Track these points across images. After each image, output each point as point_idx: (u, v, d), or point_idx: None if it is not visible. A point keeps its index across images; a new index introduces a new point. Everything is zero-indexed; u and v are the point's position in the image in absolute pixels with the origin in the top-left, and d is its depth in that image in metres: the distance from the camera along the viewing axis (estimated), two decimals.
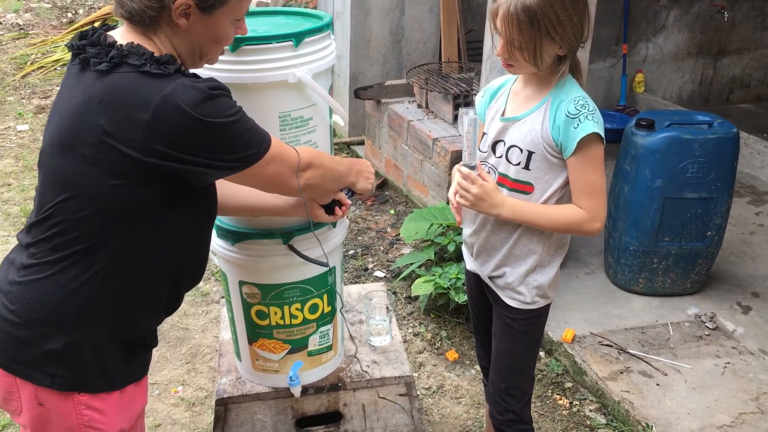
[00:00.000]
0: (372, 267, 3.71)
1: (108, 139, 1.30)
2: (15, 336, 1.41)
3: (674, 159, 2.99)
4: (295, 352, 2.01)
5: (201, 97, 1.31)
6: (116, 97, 1.31)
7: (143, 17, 1.36)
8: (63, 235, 1.37)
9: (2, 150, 5.09)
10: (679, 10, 5.46)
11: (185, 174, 1.36)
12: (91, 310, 1.40)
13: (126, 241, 1.39)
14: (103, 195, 1.34)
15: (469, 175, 1.73)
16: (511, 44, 1.66)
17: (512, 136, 1.78)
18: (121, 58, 1.33)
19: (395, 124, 4.38)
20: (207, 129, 1.33)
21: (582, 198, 1.74)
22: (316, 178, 1.60)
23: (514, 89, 1.84)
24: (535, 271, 1.86)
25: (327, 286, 1.99)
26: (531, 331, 1.95)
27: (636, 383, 2.74)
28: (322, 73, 1.76)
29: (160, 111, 1.29)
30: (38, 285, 1.40)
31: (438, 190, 3.94)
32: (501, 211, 1.75)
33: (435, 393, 2.82)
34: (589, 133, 1.66)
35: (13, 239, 3.88)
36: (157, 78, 1.31)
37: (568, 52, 1.69)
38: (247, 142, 1.41)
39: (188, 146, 1.33)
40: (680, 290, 3.28)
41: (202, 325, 3.24)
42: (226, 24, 1.44)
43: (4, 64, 6.76)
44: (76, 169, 1.34)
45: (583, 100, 1.69)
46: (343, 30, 4.92)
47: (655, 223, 3.11)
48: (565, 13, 1.62)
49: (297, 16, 1.91)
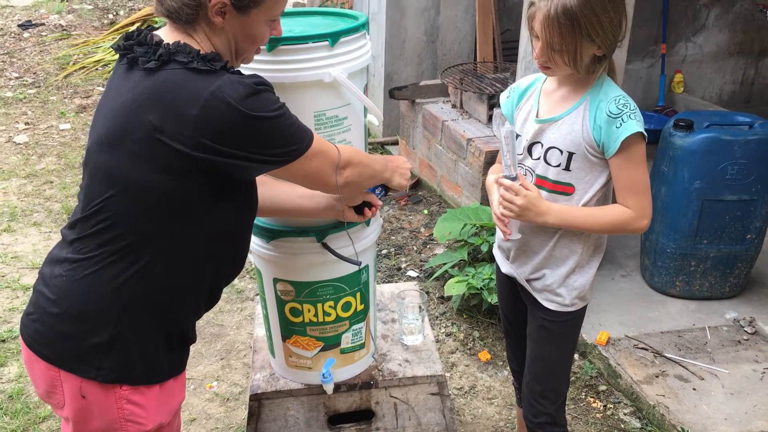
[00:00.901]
0: (405, 266, 3.71)
1: (157, 134, 1.33)
2: (60, 330, 1.44)
3: (713, 160, 2.94)
4: (328, 350, 2.03)
5: (247, 92, 1.34)
6: (165, 93, 1.34)
7: (181, 15, 1.39)
8: (110, 231, 1.39)
9: (45, 148, 5.22)
10: (720, 9, 5.36)
11: (232, 168, 1.38)
12: (136, 303, 1.43)
13: (172, 235, 1.41)
14: (151, 190, 1.37)
15: (512, 187, 1.71)
16: (551, 47, 1.65)
17: (550, 137, 1.77)
18: (169, 55, 1.36)
19: (429, 124, 4.38)
20: (253, 123, 1.35)
21: (627, 196, 1.72)
22: (355, 175, 1.61)
23: (545, 89, 1.82)
24: (575, 272, 1.85)
25: (360, 284, 2.00)
26: (568, 334, 1.94)
27: (672, 387, 2.70)
28: (358, 72, 1.77)
29: (208, 106, 1.32)
30: (84, 280, 1.42)
31: (472, 190, 3.93)
32: (547, 218, 1.74)
33: (467, 393, 2.81)
34: (632, 133, 1.64)
35: (55, 235, 3.97)
36: (204, 74, 1.34)
37: (606, 52, 1.68)
38: (291, 137, 1.43)
39: (235, 140, 1.35)
40: (718, 294, 3.23)
41: (236, 322, 3.28)
42: (261, 24, 1.46)
43: (48, 64, 6.92)
44: (125, 164, 1.37)
45: (624, 99, 1.68)
46: (378, 30, 4.94)
47: (693, 225, 3.06)
48: (605, 14, 1.61)
49: (333, 17, 1.92)
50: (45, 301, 1.46)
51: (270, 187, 1.75)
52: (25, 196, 4.47)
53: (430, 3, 4.87)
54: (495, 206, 1.80)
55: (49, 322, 1.45)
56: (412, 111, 4.61)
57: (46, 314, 1.45)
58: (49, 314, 1.45)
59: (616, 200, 1.77)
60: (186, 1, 1.37)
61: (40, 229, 4.07)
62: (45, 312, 1.46)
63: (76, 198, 4.51)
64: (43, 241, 3.94)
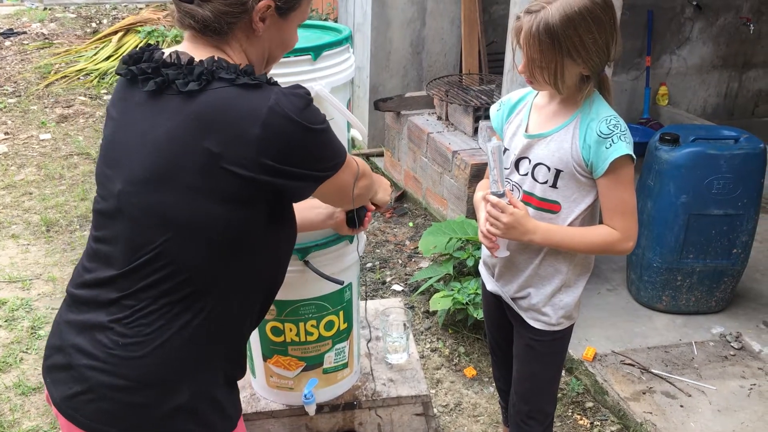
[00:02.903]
0: (390, 281, 3.67)
1: (217, 161, 1.21)
2: (130, 402, 1.27)
3: (699, 175, 2.93)
4: (310, 370, 1.98)
5: (302, 103, 1.25)
6: (218, 115, 1.21)
7: (220, 25, 1.26)
8: (171, 279, 1.25)
9: (24, 159, 5.14)
10: (704, 22, 5.39)
11: (291, 188, 1.30)
12: (207, 352, 1.32)
13: (232, 270, 1.30)
14: (213, 225, 1.24)
15: (499, 204, 1.69)
16: (533, 63, 1.63)
17: (538, 153, 1.74)
18: (211, 74, 1.23)
19: (415, 136, 4.36)
20: (313, 137, 1.27)
21: (614, 217, 1.71)
22: (365, 187, 1.55)
23: (536, 103, 1.80)
24: (560, 291, 1.82)
25: (343, 302, 1.96)
26: (555, 353, 1.91)
27: (659, 404, 2.68)
28: (341, 87, 1.74)
29: (269, 123, 1.21)
30: (150, 340, 1.26)
31: (457, 203, 3.90)
32: (533, 237, 1.71)
33: (452, 411, 2.77)
34: (622, 155, 1.63)
35: (33, 248, 3.90)
36: (255, 90, 1.23)
37: (591, 72, 1.66)
38: (337, 149, 1.36)
39: (298, 157, 1.26)
40: (705, 308, 3.21)
41: None
42: (294, 28, 1.39)
43: (29, 73, 6.84)
44: (181, 201, 1.23)
45: (615, 119, 1.66)
46: (364, 42, 4.92)
47: (680, 239, 3.04)
48: (589, 35, 1.59)
49: (316, 30, 1.89)
50: (101, 375, 1.27)
51: None
52: (3, 208, 4.39)
53: (415, 14, 4.86)
54: (481, 223, 1.77)
55: (115, 398, 1.27)
56: (398, 123, 4.58)
57: (109, 389, 1.27)
58: (113, 388, 1.27)
59: (602, 220, 1.75)
60: (228, 9, 1.25)
61: (18, 242, 3.99)
62: (106, 387, 1.27)
63: (55, 210, 4.44)
64: (21, 254, 3.86)
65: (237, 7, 1.26)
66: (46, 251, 3.89)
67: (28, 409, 2.76)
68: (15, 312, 3.34)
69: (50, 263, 3.76)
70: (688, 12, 5.34)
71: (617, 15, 1.66)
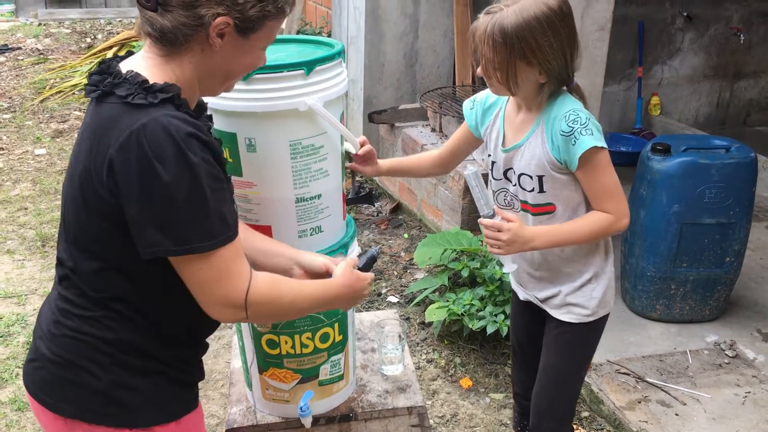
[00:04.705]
0: (385, 292, 3.68)
1: (90, 174, 1.25)
2: (61, 376, 1.37)
3: (691, 184, 2.96)
4: (305, 382, 1.99)
5: (168, 138, 1.19)
6: (99, 129, 1.24)
7: (176, 36, 1.26)
8: (75, 279, 1.35)
9: (20, 174, 5.14)
10: (695, 32, 5.44)
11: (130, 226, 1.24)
12: (120, 347, 1.35)
13: (124, 277, 1.33)
14: (90, 235, 1.30)
15: (493, 225, 1.73)
16: (488, 64, 1.68)
17: (518, 164, 1.80)
18: (112, 87, 1.25)
19: (409, 147, 4.38)
20: (157, 182, 1.18)
21: (602, 202, 1.75)
22: (263, 315, 1.41)
23: (508, 114, 1.86)
24: (591, 282, 1.88)
25: (338, 314, 1.96)
26: (585, 344, 1.98)
27: (654, 413, 2.68)
28: (334, 101, 1.75)
29: (124, 146, 1.19)
30: (67, 324, 1.36)
31: (452, 214, 3.92)
32: (534, 244, 1.76)
33: (449, 422, 2.77)
34: (587, 149, 1.66)
35: (29, 263, 3.90)
36: (137, 109, 1.22)
37: (549, 79, 1.69)
38: (193, 220, 1.21)
39: (134, 196, 1.20)
40: (699, 317, 3.23)
41: (214, 351, 3.22)
42: (258, 49, 1.37)
43: (24, 88, 6.85)
44: (71, 206, 1.31)
45: (574, 113, 1.69)
46: (357, 54, 4.94)
47: (673, 248, 3.06)
48: (544, 39, 1.63)
49: (309, 44, 1.90)
50: (42, 345, 1.39)
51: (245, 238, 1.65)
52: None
53: (408, 27, 4.89)
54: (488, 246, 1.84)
55: (51, 369, 1.38)
56: (392, 135, 4.60)
57: (46, 360, 1.38)
58: (49, 360, 1.37)
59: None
60: (185, 21, 1.24)
61: (13, 257, 3.99)
62: (45, 358, 1.38)
63: (50, 225, 4.45)
64: (16, 269, 3.86)
65: (194, 20, 1.25)
66: (41, 266, 3.89)
67: (24, 425, 2.75)
68: (10, 327, 3.34)
69: (46, 278, 3.76)
70: (679, 23, 5.38)
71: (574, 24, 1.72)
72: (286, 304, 1.40)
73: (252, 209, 1.79)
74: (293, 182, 1.74)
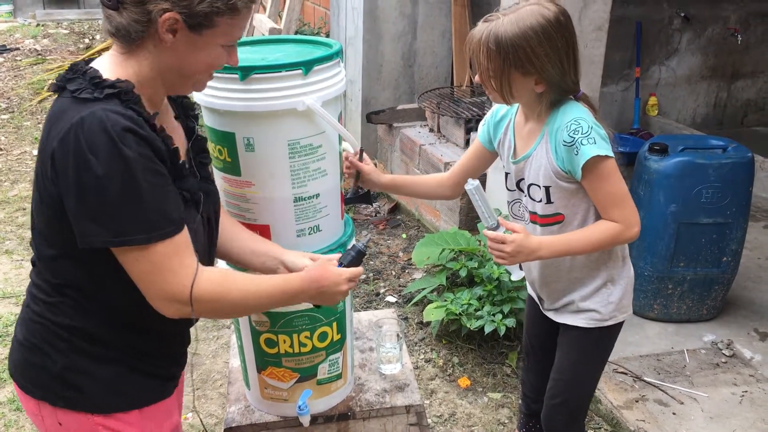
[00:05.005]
0: (384, 292, 3.69)
1: (40, 166, 1.29)
2: (27, 358, 1.43)
3: (688, 184, 2.96)
4: (304, 381, 1.99)
5: (101, 131, 1.21)
6: (47, 123, 1.29)
7: (130, 33, 1.29)
8: (40, 265, 1.41)
9: (18, 174, 5.14)
10: (692, 33, 5.45)
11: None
12: (81, 331, 1.39)
13: (79, 266, 1.35)
14: (43, 226, 1.35)
15: (497, 237, 1.73)
16: (483, 71, 1.69)
17: (527, 174, 1.80)
18: (65, 82, 1.29)
19: (407, 148, 4.38)
20: (89, 174, 1.21)
21: (609, 211, 1.74)
22: (210, 311, 1.40)
23: (517, 124, 1.86)
24: (605, 287, 1.87)
25: (337, 313, 1.97)
26: (601, 348, 1.98)
27: (652, 412, 2.69)
28: (332, 100, 1.76)
29: (64, 140, 1.22)
30: (32, 309, 1.42)
31: (450, 214, 3.92)
32: (540, 254, 1.75)
33: (447, 421, 2.78)
34: (589, 158, 1.66)
35: (27, 264, 3.90)
36: (82, 103, 1.24)
37: (547, 87, 1.69)
38: (126, 213, 1.23)
39: (71, 187, 1.23)
40: (696, 316, 3.23)
41: (212, 351, 3.22)
42: (215, 48, 1.35)
43: (22, 89, 6.85)
44: (35, 200, 1.36)
45: (575, 123, 1.68)
46: (356, 55, 4.95)
47: (670, 248, 3.07)
48: (540, 49, 1.63)
49: (307, 44, 1.91)
50: (17, 327, 1.46)
51: (228, 228, 1.69)
52: None
53: (407, 28, 4.90)
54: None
55: (20, 351, 1.45)
56: (390, 135, 4.61)
57: (17, 342, 1.46)
58: (18, 342, 1.45)
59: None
60: (136, 17, 1.27)
61: (11, 257, 3.99)
62: (17, 339, 1.46)
63: None
64: (15, 270, 3.86)
65: (143, 16, 1.27)
66: None
67: (22, 425, 2.76)
68: (9, 327, 3.34)
69: None
70: (677, 23, 5.39)
71: (574, 34, 1.72)
72: (235, 300, 1.40)
73: (250, 208, 1.79)
74: (291, 181, 1.75)
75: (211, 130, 1.75)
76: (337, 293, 1.55)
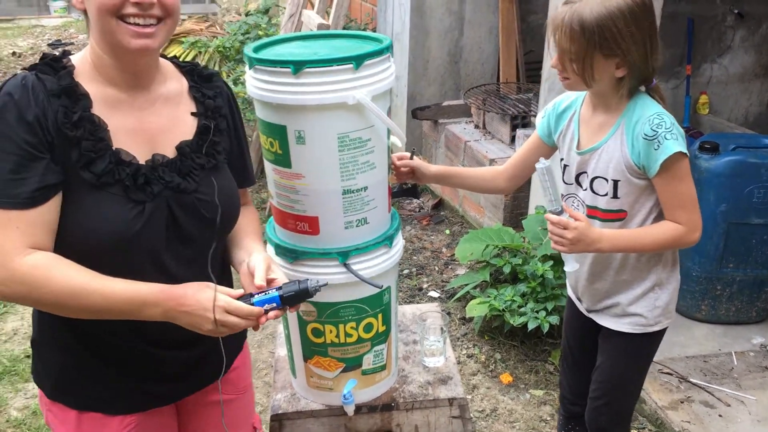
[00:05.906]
0: (427, 287, 3.71)
1: None
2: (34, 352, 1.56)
3: (739, 183, 2.91)
4: (349, 371, 2.02)
5: None
6: None
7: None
8: None
9: None
10: (746, 30, 5.33)
11: None
12: (45, 317, 1.43)
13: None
14: None
15: (560, 221, 1.70)
16: (564, 54, 1.66)
17: (593, 167, 1.77)
18: (35, 64, 1.34)
19: (452, 144, 4.39)
20: None
21: (676, 212, 1.71)
22: (15, 297, 1.27)
23: (583, 116, 1.82)
24: (653, 291, 1.85)
25: (382, 305, 1.99)
26: (644, 354, 1.96)
27: (697, 413, 2.66)
28: (381, 95, 1.78)
29: None
30: None
31: (494, 211, 3.92)
32: (600, 246, 1.73)
33: (488, 416, 2.79)
34: (671, 154, 1.63)
35: None
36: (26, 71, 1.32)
37: (629, 72, 1.67)
38: None
39: None
40: (745, 318, 3.18)
41: (258, 341, 3.28)
42: None
43: None
44: None
45: (658, 117, 1.66)
46: (402, 51, 4.97)
47: (719, 248, 3.02)
48: (626, 30, 1.60)
49: (357, 39, 1.93)
50: None
51: None
52: None
53: (453, 24, 4.90)
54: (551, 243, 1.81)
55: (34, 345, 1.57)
56: (435, 131, 4.62)
57: None
58: None
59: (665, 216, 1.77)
60: None
61: None
62: None
63: None
64: None
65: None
66: None
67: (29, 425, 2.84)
68: None
69: None
70: (730, 20, 5.28)
71: (656, 22, 1.68)
72: (50, 293, 1.26)
73: (300, 200, 1.83)
74: (340, 174, 1.78)
75: (263, 123, 1.79)
76: (203, 319, 1.31)
